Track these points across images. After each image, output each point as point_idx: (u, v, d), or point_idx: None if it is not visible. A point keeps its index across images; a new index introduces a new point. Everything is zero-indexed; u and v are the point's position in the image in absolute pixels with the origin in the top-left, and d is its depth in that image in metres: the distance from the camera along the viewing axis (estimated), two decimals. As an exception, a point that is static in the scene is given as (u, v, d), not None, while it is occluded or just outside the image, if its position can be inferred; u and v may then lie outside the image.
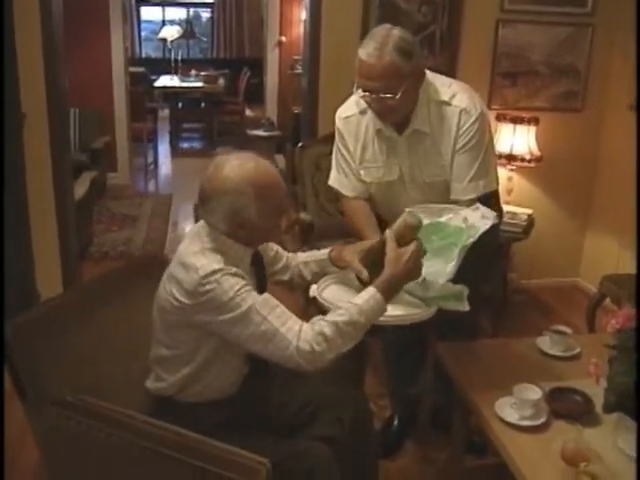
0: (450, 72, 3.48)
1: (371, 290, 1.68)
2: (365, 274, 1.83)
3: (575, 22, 3.74)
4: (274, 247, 1.96)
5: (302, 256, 2.04)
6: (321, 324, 1.59)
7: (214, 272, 1.56)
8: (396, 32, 1.99)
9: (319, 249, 2.06)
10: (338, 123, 2.28)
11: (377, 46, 1.95)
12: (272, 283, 1.96)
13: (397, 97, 1.98)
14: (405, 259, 1.73)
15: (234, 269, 1.60)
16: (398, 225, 1.84)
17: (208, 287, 1.55)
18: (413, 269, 1.75)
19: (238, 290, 1.56)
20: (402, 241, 1.78)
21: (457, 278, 1.89)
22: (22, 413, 1.67)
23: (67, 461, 1.70)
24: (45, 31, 3.19)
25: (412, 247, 1.76)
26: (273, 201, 1.66)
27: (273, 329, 1.56)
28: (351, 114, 2.24)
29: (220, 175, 1.62)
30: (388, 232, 1.82)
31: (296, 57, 7.23)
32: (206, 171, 1.66)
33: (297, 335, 1.56)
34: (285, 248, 2.01)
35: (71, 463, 1.69)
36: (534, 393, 1.79)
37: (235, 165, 1.63)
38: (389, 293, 1.70)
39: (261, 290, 1.71)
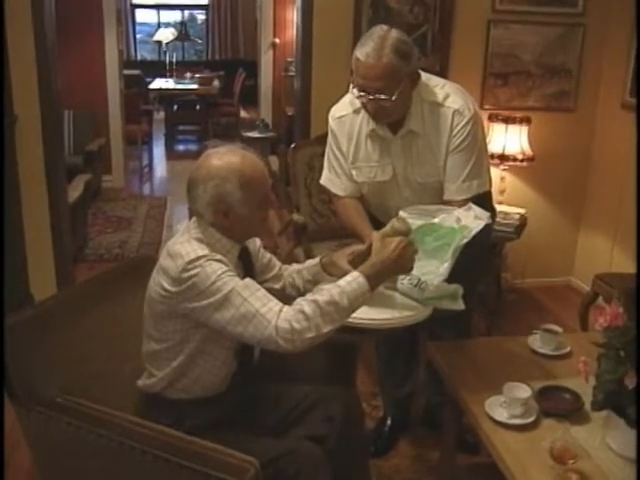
0: (442, 72, 3.50)
1: (355, 273, 1.69)
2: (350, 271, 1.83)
3: (566, 22, 3.75)
4: (267, 255, 1.96)
5: (295, 266, 2.04)
6: (301, 303, 1.60)
7: (198, 258, 1.59)
8: (394, 33, 1.99)
9: (312, 250, 2.06)
10: (331, 123, 2.27)
11: (375, 47, 1.95)
12: None
13: (393, 98, 1.98)
14: (392, 247, 1.73)
15: (219, 256, 1.63)
16: (385, 231, 1.84)
17: (192, 272, 1.58)
18: (400, 258, 1.74)
19: (220, 274, 1.58)
20: None
21: (451, 278, 1.90)
22: (13, 414, 1.67)
23: (58, 462, 1.71)
24: (38, 33, 3.20)
25: (399, 238, 1.77)
26: (257, 193, 1.69)
27: (253, 310, 1.57)
28: (345, 114, 2.23)
29: (207, 164, 1.68)
30: (375, 234, 1.83)
31: (289, 59, 7.23)
32: (196, 162, 1.71)
33: (277, 315, 1.56)
34: (279, 254, 2.00)
35: (62, 464, 1.70)
36: (524, 392, 1.80)
37: (222, 155, 1.68)
38: (374, 278, 1.69)
39: None
